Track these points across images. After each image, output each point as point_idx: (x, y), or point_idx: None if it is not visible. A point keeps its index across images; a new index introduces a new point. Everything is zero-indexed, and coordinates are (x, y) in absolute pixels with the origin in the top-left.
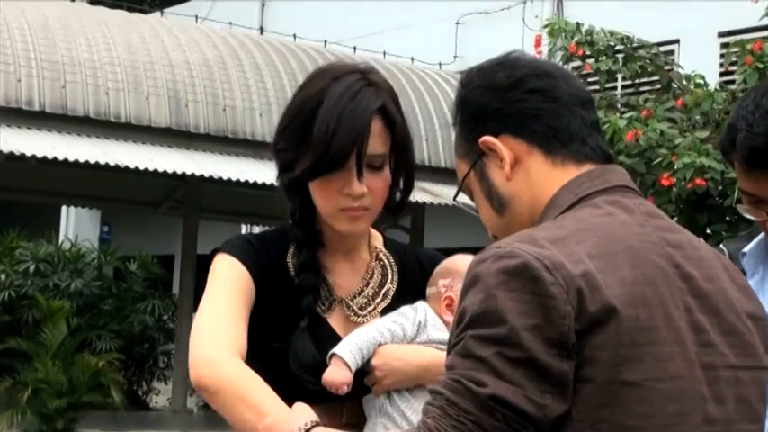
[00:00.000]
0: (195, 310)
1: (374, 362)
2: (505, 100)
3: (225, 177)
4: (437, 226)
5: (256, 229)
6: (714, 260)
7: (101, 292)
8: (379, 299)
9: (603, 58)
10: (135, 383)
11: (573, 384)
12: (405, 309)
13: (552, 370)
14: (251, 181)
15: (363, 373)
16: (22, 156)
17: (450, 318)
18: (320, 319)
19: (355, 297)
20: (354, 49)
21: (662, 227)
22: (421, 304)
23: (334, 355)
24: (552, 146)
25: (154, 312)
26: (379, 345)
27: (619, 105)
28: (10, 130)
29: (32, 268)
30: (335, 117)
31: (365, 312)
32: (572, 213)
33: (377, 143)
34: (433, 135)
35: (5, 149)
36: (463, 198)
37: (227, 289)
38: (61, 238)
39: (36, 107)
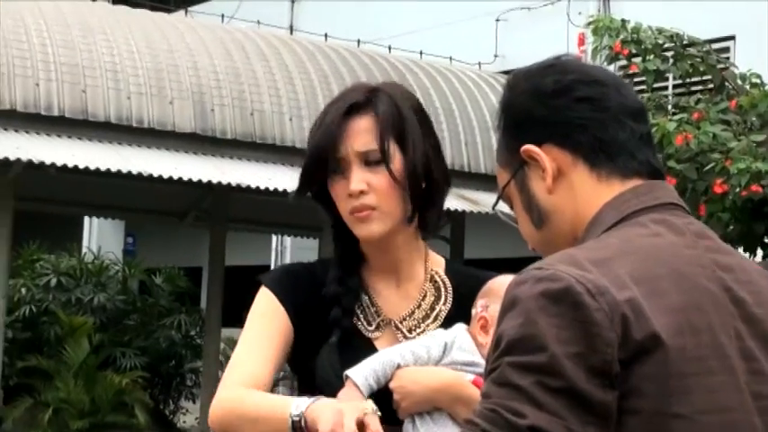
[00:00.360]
0: (223, 324)
1: (392, 385)
2: (551, 107)
3: (253, 185)
4: (477, 236)
5: (287, 240)
6: (765, 284)
7: (125, 306)
8: (429, 321)
9: (651, 56)
10: (161, 403)
11: (618, 416)
12: (437, 331)
13: (595, 400)
14: (280, 189)
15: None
16: (41, 164)
17: (484, 339)
18: (366, 340)
19: (405, 319)
20: (389, 48)
21: (712, 248)
22: (458, 327)
23: (348, 376)
24: (598, 159)
25: (181, 328)
26: (398, 367)
27: (669, 107)
28: (28, 137)
29: (54, 282)
30: (317, 123)
31: (414, 335)
32: (616, 232)
33: (367, 140)
34: (473, 139)
35: (24, 158)
36: (504, 207)
37: (260, 329)
38: (84, 250)
39: (55, 112)
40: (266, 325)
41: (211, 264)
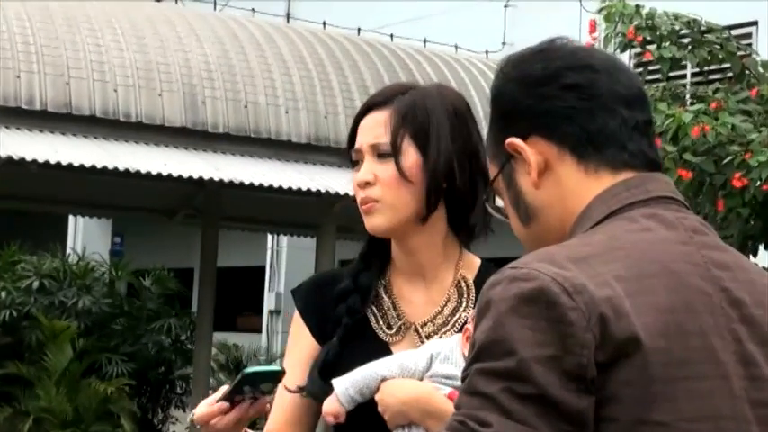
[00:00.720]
0: (215, 328)
1: (376, 397)
2: (537, 96)
3: (247, 182)
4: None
5: (284, 240)
6: (766, 283)
7: (111, 310)
8: (447, 327)
9: (667, 44)
10: (149, 411)
11: (595, 424)
12: (432, 341)
13: (569, 407)
14: (276, 185)
15: None
16: (22, 160)
17: (467, 351)
18: (382, 344)
19: (426, 324)
20: (391, 36)
21: (708, 244)
22: (454, 337)
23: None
24: (586, 151)
25: (170, 332)
26: (383, 379)
27: (686, 97)
28: (8, 132)
29: (36, 284)
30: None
31: None
32: (604, 228)
33: (379, 132)
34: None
35: (3, 154)
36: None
37: (291, 358)
38: (68, 250)
39: (37, 106)
40: (296, 353)
41: (203, 265)
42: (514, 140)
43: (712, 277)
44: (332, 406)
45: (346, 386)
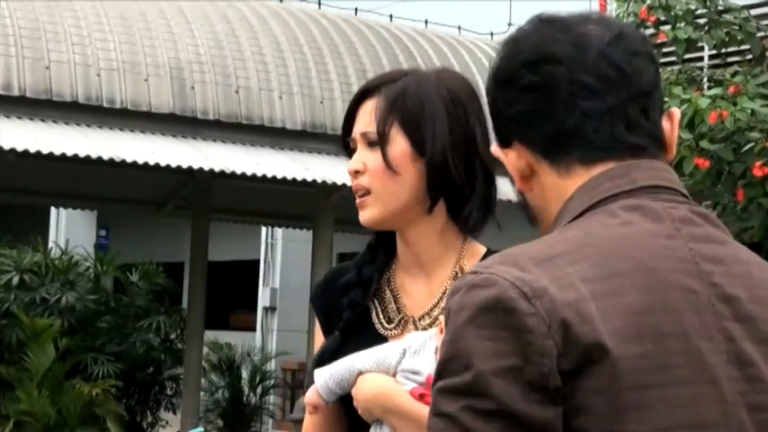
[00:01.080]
0: (207, 326)
1: (352, 391)
2: (504, 101)
3: (239, 171)
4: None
5: (279, 232)
6: (766, 277)
7: (97, 307)
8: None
9: (682, 24)
10: (137, 414)
11: None
12: (410, 334)
13: (533, 419)
14: (269, 175)
15: None
16: (0, 149)
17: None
18: (381, 338)
19: (423, 317)
20: (391, 17)
21: (698, 236)
22: (430, 331)
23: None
24: (553, 153)
25: (159, 330)
26: (360, 373)
27: (703, 80)
28: None
29: (16, 280)
30: None
31: None
32: (580, 223)
33: (368, 120)
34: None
35: None
36: None
37: (314, 357)
38: (50, 244)
39: (15, 92)
40: (315, 350)
41: (193, 259)
42: (494, 149)
43: (700, 272)
44: (311, 397)
45: (326, 378)
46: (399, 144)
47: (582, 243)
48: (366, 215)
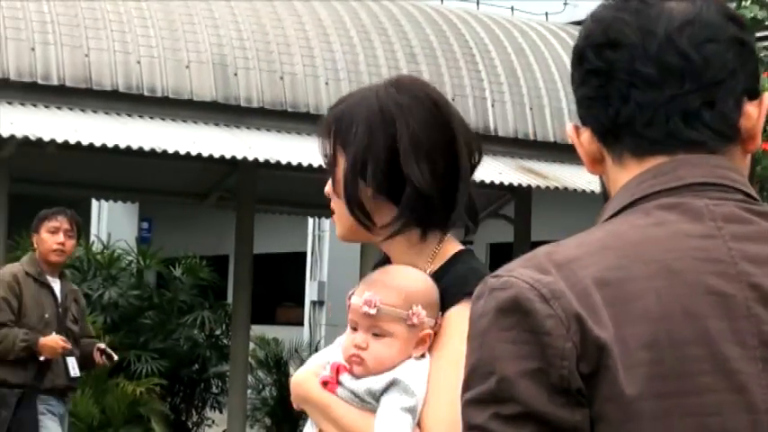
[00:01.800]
0: (253, 321)
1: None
2: (575, 81)
3: (284, 161)
4: (546, 214)
5: (326, 224)
6: None
7: (140, 303)
8: None
9: (748, 2)
10: (182, 413)
11: None
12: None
13: (562, 421)
14: (316, 165)
15: None
16: (39, 141)
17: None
18: None
19: None
20: None
21: (743, 235)
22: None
23: None
24: (609, 141)
25: (204, 326)
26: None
27: None
28: (24, 110)
29: None
30: None
31: None
32: (612, 223)
33: (323, 145)
34: (539, 102)
35: (19, 134)
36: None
37: None
38: (92, 238)
39: (54, 81)
40: None
41: (238, 252)
42: (568, 130)
43: (738, 274)
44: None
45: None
46: (341, 165)
47: (602, 246)
48: (337, 233)
